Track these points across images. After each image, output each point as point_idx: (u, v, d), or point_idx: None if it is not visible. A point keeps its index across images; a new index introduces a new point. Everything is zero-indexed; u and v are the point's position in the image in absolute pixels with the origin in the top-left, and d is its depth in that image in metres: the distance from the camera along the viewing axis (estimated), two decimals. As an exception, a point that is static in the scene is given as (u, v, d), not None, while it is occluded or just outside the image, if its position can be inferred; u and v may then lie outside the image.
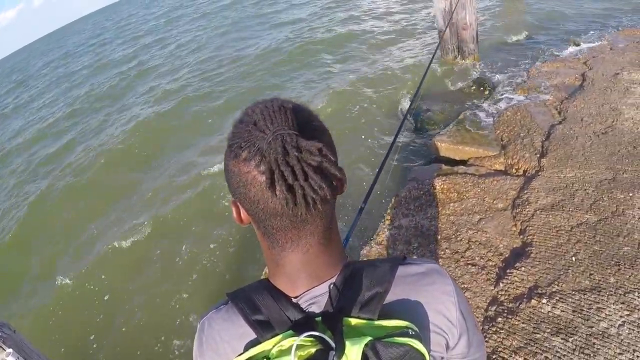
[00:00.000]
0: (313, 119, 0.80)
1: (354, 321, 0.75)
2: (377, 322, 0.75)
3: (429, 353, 0.72)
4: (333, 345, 0.69)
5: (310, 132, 0.75)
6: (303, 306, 0.82)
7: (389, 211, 4.60)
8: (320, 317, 0.77)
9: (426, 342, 0.74)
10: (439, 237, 3.79)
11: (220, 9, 23.94)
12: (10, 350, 2.45)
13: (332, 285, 0.82)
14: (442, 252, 3.60)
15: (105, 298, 5.50)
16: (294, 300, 0.83)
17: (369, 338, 0.70)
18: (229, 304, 0.88)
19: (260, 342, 0.76)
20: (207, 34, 20.83)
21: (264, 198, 0.74)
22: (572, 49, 7.53)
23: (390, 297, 0.82)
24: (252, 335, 0.80)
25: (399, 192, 4.82)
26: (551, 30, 8.77)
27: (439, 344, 0.87)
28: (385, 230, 4.22)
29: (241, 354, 0.75)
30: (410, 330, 0.73)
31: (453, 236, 3.73)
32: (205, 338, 0.89)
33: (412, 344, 0.70)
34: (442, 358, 0.90)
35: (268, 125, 0.71)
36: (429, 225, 4.00)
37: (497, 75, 7.18)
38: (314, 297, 0.83)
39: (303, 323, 0.76)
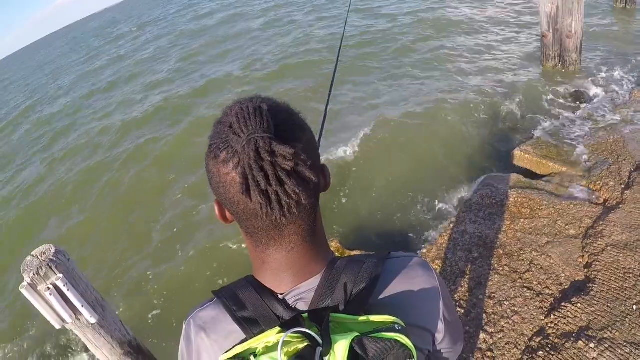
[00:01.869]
0: (292, 118, 0.80)
1: (340, 317, 0.75)
2: (364, 318, 0.75)
3: (415, 348, 0.72)
4: (320, 341, 0.69)
5: (289, 132, 0.76)
6: (289, 303, 0.83)
7: (456, 214, 4.59)
8: (307, 314, 0.77)
9: (413, 337, 0.73)
10: (502, 252, 3.76)
11: None
12: (61, 275, 2.62)
13: (318, 282, 0.83)
14: (501, 269, 3.57)
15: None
16: (280, 296, 0.83)
17: (356, 334, 0.70)
18: (214, 302, 0.89)
19: (247, 339, 0.77)
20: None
21: (242, 200, 0.74)
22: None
23: (376, 293, 0.84)
24: (239, 332, 0.81)
25: (471, 196, 4.78)
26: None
27: (425, 338, 0.89)
28: (449, 233, 4.22)
29: (228, 351, 0.75)
30: (397, 326, 0.74)
31: (515, 254, 3.69)
32: (193, 336, 0.89)
33: (399, 339, 0.71)
34: (429, 351, 0.92)
35: (242, 129, 0.71)
36: (493, 237, 3.96)
37: (597, 91, 6.79)
38: (301, 293, 0.84)
39: (290, 320, 0.77)
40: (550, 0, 6.97)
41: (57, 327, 2.78)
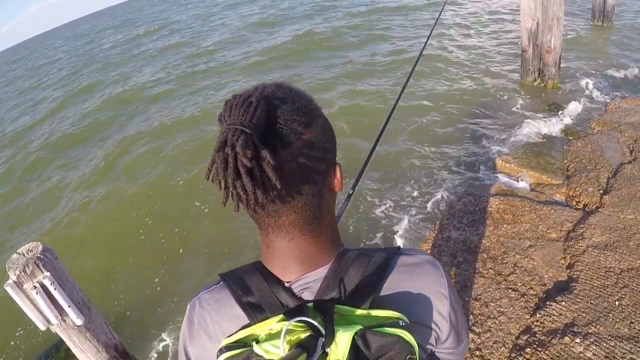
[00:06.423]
0: (298, 112, 0.77)
1: (345, 309, 0.75)
2: (368, 311, 0.75)
3: (418, 345, 0.72)
4: (323, 331, 0.69)
5: (287, 127, 0.75)
6: (296, 291, 0.82)
7: (440, 221, 4.64)
8: (312, 304, 0.77)
9: (416, 334, 0.73)
10: (486, 256, 3.81)
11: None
12: (48, 274, 2.53)
13: (325, 273, 0.83)
14: (486, 272, 3.62)
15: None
16: (286, 285, 0.83)
17: (359, 327, 0.70)
18: (220, 285, 0.89)
19: (250, 325, 0.77)
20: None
21: None
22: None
23: (383, 287, 0.84)
24: (243, 317, 0.80)
25: (454, 203, 4.85)
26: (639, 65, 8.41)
27: (429, 336, 0.88)
28: (433, 238, 4.27)
29: (231, 335, 0.76)
30: (401, 322, 0.73)
31: (499, 257, 3.75)
32: (196, 318, 0.89)
33: (401, 335, 0.71)
34: (432, 350, 0.92)
35: (226, 118, 0.72)
36: (477, 242, 4.02)
37: (574, 104, 6.99)
38: (307, 283, 0.83)
39: (294, 308, 0.77)
40: (530, 16, 7.19)
41: (42, 328, 2.69)
